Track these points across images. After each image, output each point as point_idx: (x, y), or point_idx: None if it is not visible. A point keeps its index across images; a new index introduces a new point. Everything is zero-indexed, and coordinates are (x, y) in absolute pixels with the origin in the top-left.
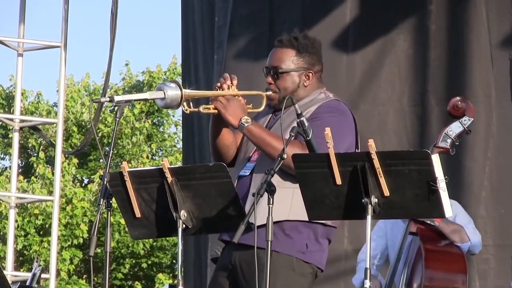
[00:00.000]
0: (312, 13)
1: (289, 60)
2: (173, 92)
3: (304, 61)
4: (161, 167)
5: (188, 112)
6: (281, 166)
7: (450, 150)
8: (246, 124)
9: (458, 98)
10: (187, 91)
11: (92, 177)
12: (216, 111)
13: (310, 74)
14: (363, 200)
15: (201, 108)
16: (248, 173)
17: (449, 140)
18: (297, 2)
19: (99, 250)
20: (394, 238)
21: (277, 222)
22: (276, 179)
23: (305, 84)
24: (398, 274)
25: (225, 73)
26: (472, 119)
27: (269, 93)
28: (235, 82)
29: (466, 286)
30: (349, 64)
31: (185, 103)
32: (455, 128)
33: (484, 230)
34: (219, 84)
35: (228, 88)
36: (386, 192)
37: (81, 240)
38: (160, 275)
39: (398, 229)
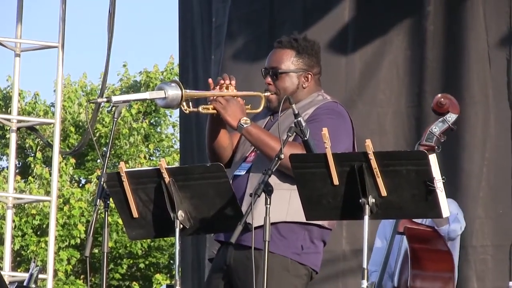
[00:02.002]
0: (312, 13)
1: (289, 61)
2: (173, 91)
3: (304, 63)
4: (158, 167)
5: (187, 112)
6: (279, 167)
7: (436, 147)
8: (245, 125)
9: (441, 95)
10: (187, 91)
11: (89, 177)
12: (215, 111)
13: (309, 75)
14: (360, 200)
15: (200, 108)
16: (244, 173)
17: (434, 138)
18: (297, 2)
19: (96, 250)
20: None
21: (273, 223)
22: (273, 181)
23: (304, 85)
24: (389, 274)
25: (224, 73)
26: (457, 115)
27: (268, 94)
28: (233, 82)
29: (453, 285)
30: (348, 65)
31: (184, 103)
32: (439, 126)
33: (482, 230)
34: (218, 84)
35: (227, 89)
36: (384, 192)
37: (78, 241)
38: (157, 276)
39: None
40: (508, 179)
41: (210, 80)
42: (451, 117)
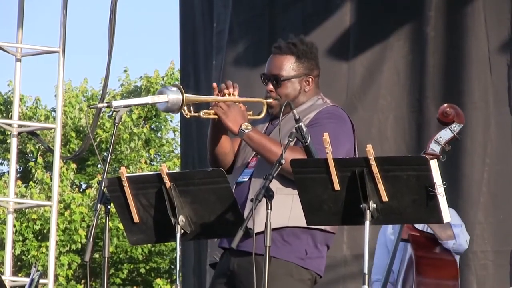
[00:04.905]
0: (312, 19)
1: (289, 67)
2: (174, 96)
3: (304, 67)
4: (159, 172)
5: (188, 116)
6: (282, 172)
7: (440, 156)
8: (246, 131)
9: (447, 104)
10: (188, 96)
11: (90, 182)
12: (216, 116)
13: (310, 79)
14: (361, 206)
15: (201, 113)
16: (247, 179)
17: (439, 147)
18: (297, 8)
19: (97, 255)
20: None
21: (276, 228)
22: (275, 185)
23: (305, 89)
24: (392, 281)
25: (228, 80)
26: (462, 125)
27: (270, 100)
28: (236, 92)
29: None
30: (349, 70)
31: (185, 108)
32: (444, 135)
33: (483, 236)
34: (221, 90)
35: (229, 94)
36: (385, 198)
37: (79, 245)
38: (158, 280)
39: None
40: (508, 185)
41: (214, 84)
42: (456, 127)
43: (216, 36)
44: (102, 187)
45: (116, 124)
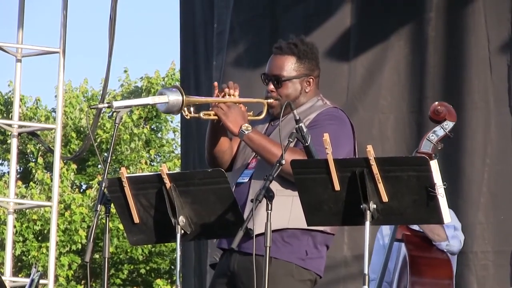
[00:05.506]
0: (312, 19)
1: (290, 67)
2: (174, 97)
3: (305, 68)
4: (159, 172)
5: (188, 117)
6: (281, 173)
7: (433, 155)
8: (246, 132)
9: (437, 102)
10: (189, 97)
11: (90, 182)
12: (216, 117)
13: (311, 79)
14: (361, 206)
15: (201, 114)
16: (247, 180)
17: (431, 146)
18: (298, 8)
19: (97, 256)
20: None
21: (277, 230)
22: (275, 187)
23: (306, 90)
24: (388, 281)
25: (226, 79)
26: (453, 123)
27: (271, 101)
28: (237, 92)
29: None
30: (350, 70)
31: (185, 109)
32: (436, 133)
33: (483, 236)
34: (222, 91)
35: (230, 95)
36: (385, 198)
37: (79, 246)
38: (158, 281)
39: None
40: (508, 185)
41: (215, 83)
42: (448, 124)
43: (216, 36)
44: (103, 188)
45: (117, 124)
